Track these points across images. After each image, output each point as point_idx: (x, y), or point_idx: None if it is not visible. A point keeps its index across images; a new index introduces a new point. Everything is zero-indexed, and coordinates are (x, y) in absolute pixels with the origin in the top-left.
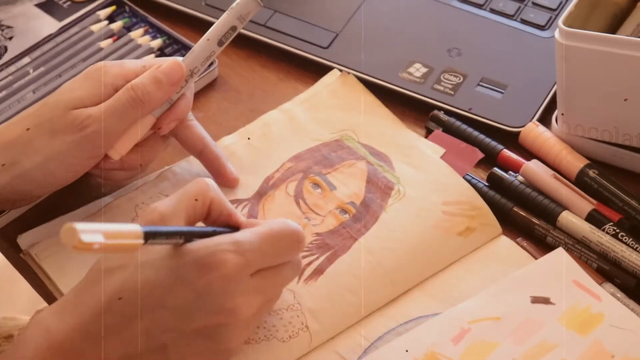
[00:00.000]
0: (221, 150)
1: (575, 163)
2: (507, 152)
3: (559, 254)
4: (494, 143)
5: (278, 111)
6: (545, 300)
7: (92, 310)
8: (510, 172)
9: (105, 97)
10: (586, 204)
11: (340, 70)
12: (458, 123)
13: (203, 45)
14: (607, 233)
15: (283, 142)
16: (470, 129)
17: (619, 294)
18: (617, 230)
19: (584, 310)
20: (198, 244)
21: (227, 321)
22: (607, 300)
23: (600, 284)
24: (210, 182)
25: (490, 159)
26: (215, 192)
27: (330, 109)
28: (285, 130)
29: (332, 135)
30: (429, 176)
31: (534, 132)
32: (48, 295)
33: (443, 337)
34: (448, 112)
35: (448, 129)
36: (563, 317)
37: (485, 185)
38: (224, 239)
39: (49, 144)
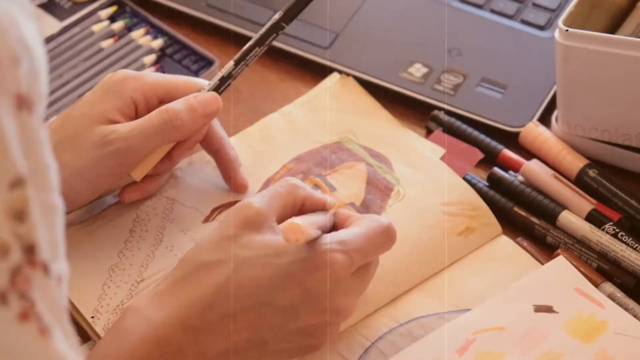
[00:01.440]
0: (236, 153)
1: (575, 163)
2: (507, 152)
3: (560, 262)
4: (494, 143)
5: (278, 114)
6: (548, 309)
7: (193, 303)
8: (510, 172)
9: (128, 111)
10: (586, 204)
11: (340, 72)
12: (458, 123)
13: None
14: (607, 233)
15: (283, 144)
16: (470, 129)
17: (619, 294)
18: (617, 230)
19: (587, 318)
20: (297, 247)
21: (332, 320)
22: (610, 308)
23: (599, 284)
24: (297, 181)
25: (490, 159)
26: (306, 191)
27: (330, 112)
28: (285, 132)
29: (332, 137)
30: (428, 177)
31: (534, 132)
32: None
33: (448, 348)
34: (448, 113)
35: (448, 129)
36: (567, 325)
37: (485, 185)
38: (329, 239)
39: (73, 160)
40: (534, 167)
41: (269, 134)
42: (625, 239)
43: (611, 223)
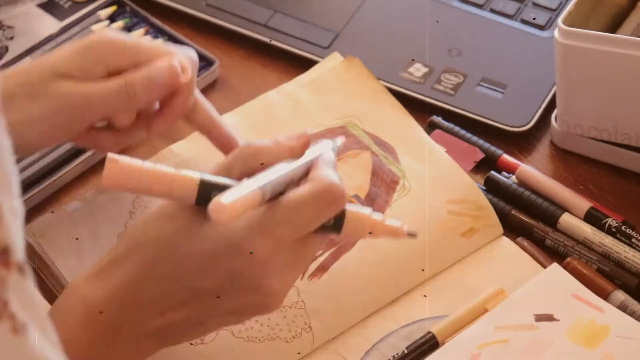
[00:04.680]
0: (232, 129)
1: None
2: (506, 157)
3: (555, 269)
4: (493, 148)
5: (278, 92)
6: (549, 317)
7: (127, 282)
8: (503, 172)
9: (95, 76)
10: (584, 202)
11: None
12: (457, 128)
13: None
14: (610, 225)
15: (286, 125)
16: (469, 135)
17: (630, 301)
18: (619, 224)
19: (588, 323)
20: (223, 229)
21: (263, 300)
22: (610, 311)
23: (610, 293)
24: (249, 144)
25: (490, 164)
26: (255, 147)
27: (335, 93)
28: (288, 113)
29: (337, 121)
30: (434, 171)
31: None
32: (48, 294)
33: None
34: (446, 114)
35: (447, 134)
36: (569, 332)
37: (483, 188)
38: (249, 222)
39: (27, 106)
40: (528, 170)
41: (272, 113)
42: (629, 231)
43: (612, 219)
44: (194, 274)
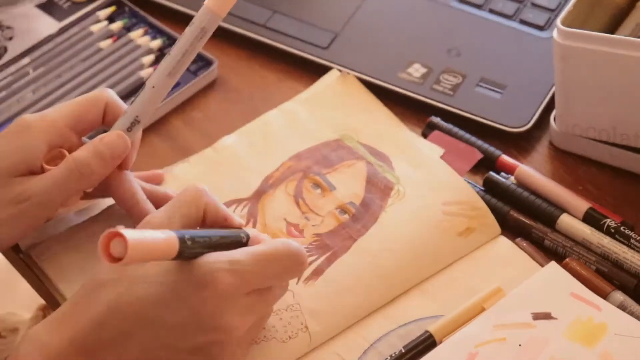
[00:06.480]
0: (151, 206)
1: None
2: (505, 158)
3: (552, 268)
4: (492, 149)
5: (278, 110)
6: (547, 316)
7: (87, 324)
8: (502, 173)
9: (42, 158)
10: (582, 203)
11: (340, 71)
12: (456, 129)
13: (148, 93)
14: (609, 226)
15: (283, 141)
16: (467, 135)
17: (628, 302)
18: (618, 225)
19: (586, 322)
20: (193, 262)
21: (221, 339)
22: (607, 309)
23: (608, 293)
24: (203, 187)
25: (488, 164)
26: (209, 197)
27: (331, 109)
28: (285, 129)
29: (332, 134)
30: (428, 176)
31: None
32: (48, 295)
33: None
34: (445, 114)
35: (446, 134)
36: (567, 331)
37: (481, 189)
38: (220, 257)
39: None
40: (527, 170)
41: (269, 130)
42: (627, 232)
43: (611, 219)
44: (157, 309)
